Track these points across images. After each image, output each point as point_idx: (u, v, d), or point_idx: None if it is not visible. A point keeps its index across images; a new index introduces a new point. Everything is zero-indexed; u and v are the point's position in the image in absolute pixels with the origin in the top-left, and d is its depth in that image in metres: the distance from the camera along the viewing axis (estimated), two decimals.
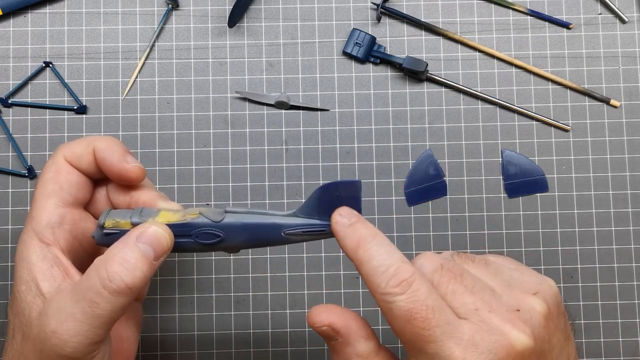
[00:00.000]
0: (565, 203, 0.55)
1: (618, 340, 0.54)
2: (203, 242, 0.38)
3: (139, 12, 0.56)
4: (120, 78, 0.55)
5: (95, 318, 0.35)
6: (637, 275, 0.54)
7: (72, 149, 0.41)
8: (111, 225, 0.38)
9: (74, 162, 0.41)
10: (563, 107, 0.55)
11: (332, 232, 0.37)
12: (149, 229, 0.37)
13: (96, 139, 0.41)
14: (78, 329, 0.35)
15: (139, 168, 0.40)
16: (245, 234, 0.38)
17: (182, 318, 0.54)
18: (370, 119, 0.55)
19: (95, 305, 0.34)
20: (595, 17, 0.56)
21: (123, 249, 0.36)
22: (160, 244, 0.37)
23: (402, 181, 0.55)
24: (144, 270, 0.36)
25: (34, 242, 0.38)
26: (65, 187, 0.40)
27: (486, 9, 0.56)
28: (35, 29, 0.56)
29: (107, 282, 0.35)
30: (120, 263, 0.35)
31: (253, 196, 0.54)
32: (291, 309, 0.54)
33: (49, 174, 0.40)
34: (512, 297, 0.35)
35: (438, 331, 0.32)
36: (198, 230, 0.38)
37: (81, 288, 0.35)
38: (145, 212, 0.39)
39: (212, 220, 0.38)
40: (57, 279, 0.37)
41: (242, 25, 0.56)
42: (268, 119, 0.55)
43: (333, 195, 0.37)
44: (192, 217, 0.38)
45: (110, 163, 0.40)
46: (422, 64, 0.53)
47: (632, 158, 0.55)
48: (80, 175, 0.41)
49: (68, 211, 0.40)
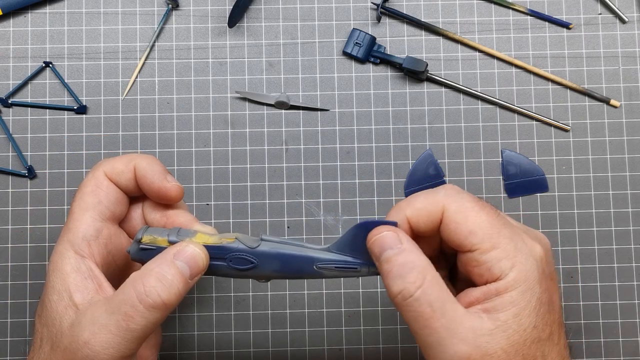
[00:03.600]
0: (565, 203, 0.55)
1: (618, 340, 0.54)
2: (236, 267, 0.39)
3: (139, 12, 0.56)
4: (120, 78, 0.55)
5: (129, 332, 0.35)
6: (637, 275, 0.54)
7: (112, 165, 0.41)
8: (148, 241, 0.39)
9: (114, 178, 0.41)
10: (563, 107, 0.55)
11: (364, 272, 0.38)
12: (186, 247, 0.37)
13: (137, 156, 0.42)
14: (111, 341, 0.35)
15: (179, 187, 0.41)
16: (278, 263, 0.39)
17: (182, 318, 0.54)
18: (370, 119, 0.55)
19: (130, 319, 0.35)
20: (595, 17, 0.56)
21: (161, 264, 0.36)
22: (196, 264, 0.37)
23: (402, 181, 0.55)
24: (180, 287, 0.36)
25: (69, 253, 0.38)
26: (104, 201, 0.40)
27: (486, 9, 0.56)
28: (35, 29, 0.56)
29: (143, 296, 0.35)
30: (158, 279, 0.36)
31: (253, 196, 0.54)
32: (291, 309, 0.54)
33: (89, 188, 0.41)
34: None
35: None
36: (232, 255, 0.39)
37: (116, 301, 0.35)
38: (182, 232, 0.39)
39: (248, 246, 0.39)
40: (91, 291, 0.37)
41: (242, 25, 0.56)
42: (268, 119, 0.55)
43: (368, 235, 0.37)
44: (228, 242, 0.39)
45: (151, 181, 0.41)
46: (422, 64, 0.53)
47: (632, 158, 0.55)
48: (118, 191, 0.41)
49: (105, 225, 0.40)
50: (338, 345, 0.53)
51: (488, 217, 0.36)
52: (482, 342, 0.34)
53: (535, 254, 0.36)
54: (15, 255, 0.54)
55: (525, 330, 0.35)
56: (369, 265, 0.38)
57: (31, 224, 0.54)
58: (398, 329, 0.53)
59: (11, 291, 0.53)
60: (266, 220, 0.54)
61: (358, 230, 0.38)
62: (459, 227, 0.36)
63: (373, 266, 0.38)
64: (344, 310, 0.54)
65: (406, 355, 0.53)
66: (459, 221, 0.36)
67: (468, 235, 0.36)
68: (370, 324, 0.53)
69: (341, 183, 0.54)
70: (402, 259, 0.35)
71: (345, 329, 0.53)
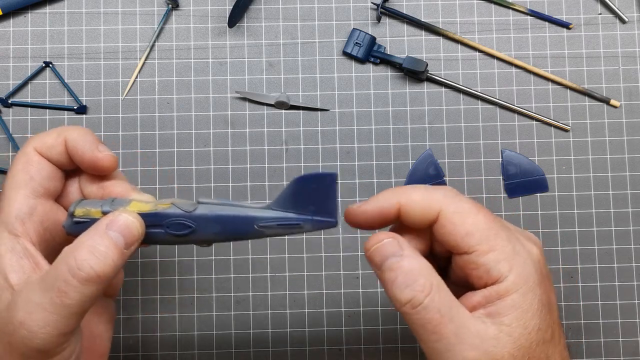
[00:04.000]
0: (565, 203, 0.55)
1: (618, 340, 0.54)
2: (174, 232, 0.37)
3: (139, 12, 0.56)
4: (120, 78, 0.55)
5: (64, 308, 0.34)
6: (637, 275, 0.54)
7: (42, 140, 0.40)
8: (82, 213, 0.38)
9: (45, 153, 0.40)
10: (563, 107, 0.55)
11: (307, 227, 0.37)
12: (119, 216, 0.36)
13: (67, 129, 0.40)
14: (47, 319, 0.34)
15: (112, 156, 0.40)
16: (217, 225, 0.37)
17: (182, 318, 0.54)
18: (370, 119, 0.55)
19: (64, 294, 0.34)
20: (595, 17, 0.56)
21: (93, 237, 0.35)
22: (131, 232, 0.36)
23: (402, 181, 0.55)
24: (115, 258, 0.35)
25: (2, 234, 0.37)
26: (36, 177, 0.39)
27: (486, 9, 0.56)
28: (35, 29, 0.56)
29: (75, 270, 0.34)
30: (90, 251, 0.35)
31: (253, 196, 0.54)
32: (291, 309, 0.54)
33: (19, 165, 0.39)
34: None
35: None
36: (169, 221, 0.37)
37: (49, 278, 0.34)
38: (117, 201, 0.38)
39: (184, 210, 0.37)
40: (27, 271, 0.36)
41: (242, 25, 0.56)
42: (268, 119, 0.55)
43: (308, 188, 0.36)
44: (164, 208, 0.37)
45: (82, 152, 0.39)
46: (422, 64, 0.53)
47: (632, 158, 0.55)
48: (51, 166, 0.40)
49: (39, 202, 0.39)
50: (338, 345, 0.53)
51: (485, 219, 0.36)
52: (489, 347, 0.34)
53: (533, 256, 0.36)
54: None
55: (530, 333, 0.34)
56: (312, 220, 0.37)
57: None
58: (398, 329, 0.53)
59: None
60: None
61: (298, 185, 0.36)
62: (456, 228, 0.36)
63: (316, 221, 0.37)
64: (344, 310, 0.54)
65: (406, 355, 0.53)
66: (456, 222, 0.36)
67: (465, 236, 0.35)
68: (370, 324, 0.53)
69: (341, 183, 0.54)
70: (407, 267, 0.35)
71: (345, 329, 0.53)
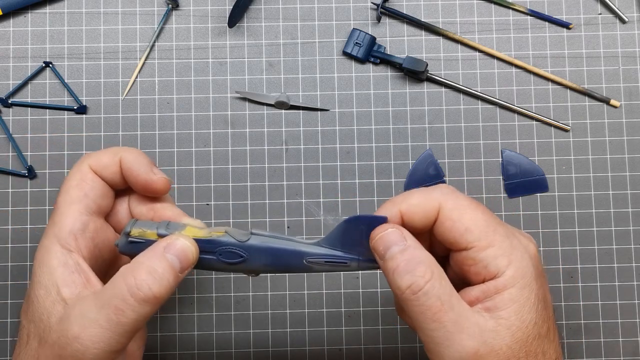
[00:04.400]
0: (565, 203, 0.55)
1: (618, 340, 0.54)
2: (226, 260, 0.39)
3: (139, 12, 0.56)
4: (120, 78, 0.55)
5: (120, 326, 0.35)
6: (637, 275, 0.54)
7: (98, 158, 0.41)
8: (137, 234, 0.39)
9: (99, 172, 0.41)
10: (563, 107, 0.55)
11: (354, 267, 0.39)
12: (177, 240, 0.37)
13: (123, 149, 0.41)
14: (101, 335, 0.34)
15: (165, 180, 0.41)
16: (268, 257, 0.39)
17: (182, 318, 0.54)
18: (370, 119, 0.55)
19: (121, 312, 0.34)
20: (595, 17, 0.56)
21: (151, 258, 0.36)
22: (186, 257, 0.37)
23: (402, 181, 0.55)
24: (171, 281, 0.36)
25: (55, 247, 0.38)
26: (90, 195, 0.40)
27: (486, 9, 0.56)
28: (35, 29, 0.56)
29: (134, 289, 0.35)
30: (149, 272, 0.35)
31: (253, 196, 0.54)
32: (291, 309, 0.54)
33: (74, 182, 0.40)
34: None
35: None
36: (222, 249, 0.39)
37: (106, 295, 0.35)
38: (172, 225, 0.39)
39: (238, 240, 0.39)
40: (79, 286, 0.37)
41: (242, 25, 0.56)
42: (268, 119, 0.55)
43: (358, 229, 0.38)
44: (218, 235, 0.39)
45: (137, 174, 0.40)
46: (422, 64, 0.53)
47: (632, 158, 0.55)
48: (104, 185, 0.41)
49: (91, 219, 0.40)
50: (338, 345, 0.53)
51: (484, 215, 0.36)
52: (488, 338, 0.34)
53: (530, 252, 0.37)
54: (15, 256, 0.54)
55: (527, 326, 0.35)
56: (359, 260, 0.39)
57: (31, 224, 0.54)
58: (398, 329, 0.53)
59: (11, 291, 0.53)
60: (266, 220, 0.54)
61: (348, 225, 0.38)
62: (455, 225, 0.36)
63: (363, 261, 0.38)
64: (344, 310, 0.54)
65: (406, 355, 0.53)
66: (455, 219, 0.36)
67: (464, 232, 0.36)
68: (370, 324, 0.53)
69: (341, 183, 0.54)
70: (409, 255, 0.35)
71: (345, 329, 0.53)
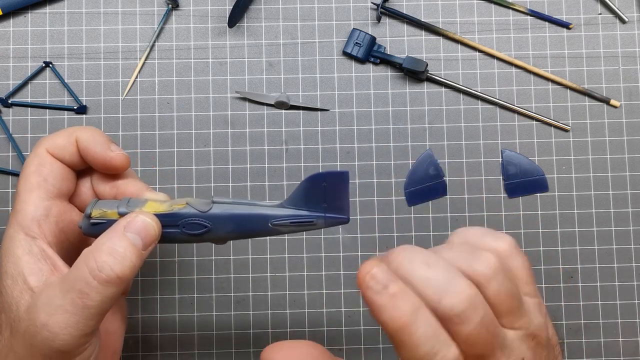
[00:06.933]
0: (565, 203, 0.55)
1: (618, 340, 0.54)
2: (190, 232, 0.38)
3: (139, 12, 0.56)
4: (120, 78, 0.55)
5: (85, 309, 0.34)
6: (637, 275, 0.54)
7: (54, 141, 0.40)
8: (98, 215, 0.38)
9: (57, 154, 0.40)
10: (563, 107, 0.55)
11: (320, 224, 0.38)
12: (136, 218, 0.37)
13: (78, 129, 0.41)
14: (68, 321, 0.34)
15: (124, 155, 0.40)
16: (232, 224, 0.38)
17: (182, 318, 0.54)
18: (370, 119, 0.55)
19: (85, 296, 0.34)
20: (595, 17, 0.56)
21: (111, 238, 0.36)
22: (148, 234, 0.37)
23: (402, 181, 0.55)
24: (133, 259, 0.36)
25: (19, 236, 0.38)
26: (49, 179, 0.39)
27: (486, 9, 0.56)
28: (35, 29, 0.56)
29: (96, 272, 0.34)
30: (109, 253, 0.35)
31: (253, 196, 0.54)
32: (291, 309, 0.54)
33: (32, 167, 0.40)
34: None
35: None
36: (185, 221, 0.38)
37: (70, 279, 0.35)
38: (132, 202, 0.39)
39: (199, 210, 0.38)
40: (45, 273, 0.37)
41: (242, 25, 0.56)
42: (268, 119, 0.55)
43: (320, 187, 0.37)
44: (179, 207, 0.38)
45: (94, 152, 0.40)
46: (422, 64, 0.53)
47: (632, 158, 0.55)
48: (63, 167, 0.40)
49: (53, 203, 0.39)
50: (338, 345, 0.53)
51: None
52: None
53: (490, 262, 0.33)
54: None
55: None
56: (325, 217, 0.38)
57: None
58: None
59: None
60: None
61: (309, 183, 0.37)
62: None
63: (328, 218, 0.38)
64: (344, 310, 0.54)
65: None
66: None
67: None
68: (370, 324, 0.53)
69: None
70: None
71: (345, 329, 0.53)
